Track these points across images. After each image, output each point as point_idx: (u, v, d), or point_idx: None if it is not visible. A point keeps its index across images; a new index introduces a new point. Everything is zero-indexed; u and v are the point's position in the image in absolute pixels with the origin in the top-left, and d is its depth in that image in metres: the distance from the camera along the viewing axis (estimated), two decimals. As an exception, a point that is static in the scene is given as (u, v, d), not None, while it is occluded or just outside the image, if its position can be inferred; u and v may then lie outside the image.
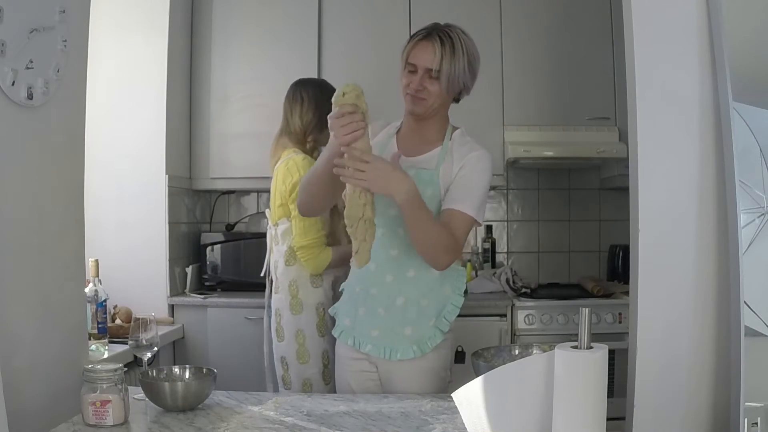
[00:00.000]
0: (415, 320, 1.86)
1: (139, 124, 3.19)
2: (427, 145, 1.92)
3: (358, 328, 1.91)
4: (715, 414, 1.74)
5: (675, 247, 1.78)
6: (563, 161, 3.46)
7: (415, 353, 1.86)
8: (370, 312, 1.89)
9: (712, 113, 1.76)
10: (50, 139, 1.66)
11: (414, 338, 1.87)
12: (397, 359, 1.86)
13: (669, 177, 1.79)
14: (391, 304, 1.86)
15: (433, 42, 1.84)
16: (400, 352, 1.86)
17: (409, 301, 1.86)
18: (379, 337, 1.88)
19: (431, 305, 1.87)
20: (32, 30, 1.52)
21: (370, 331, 1.89)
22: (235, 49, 3.48)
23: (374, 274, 1.88)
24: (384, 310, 1.87)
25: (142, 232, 3.17)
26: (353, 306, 1.93)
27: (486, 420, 1.15)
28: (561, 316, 3.08)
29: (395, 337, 1.87)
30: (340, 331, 1.96)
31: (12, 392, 1.39)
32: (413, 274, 1.86)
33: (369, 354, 1.89)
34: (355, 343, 1.91)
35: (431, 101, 1.86)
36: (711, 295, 1.76)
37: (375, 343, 1.88)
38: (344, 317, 1.95)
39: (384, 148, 1.90)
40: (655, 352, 1.77)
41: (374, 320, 1.88)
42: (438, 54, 1.83)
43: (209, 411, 1.56)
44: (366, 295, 1.90)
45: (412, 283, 1.86)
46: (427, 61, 1.84)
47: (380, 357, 1.87)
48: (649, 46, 1.79)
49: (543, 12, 3.45)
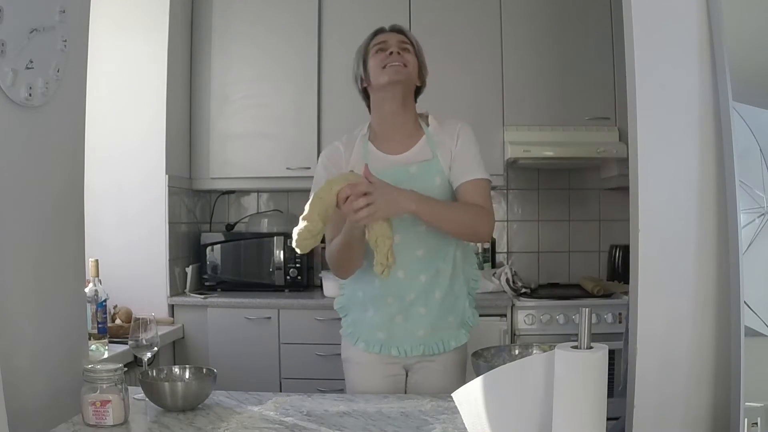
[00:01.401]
0: (454, 306, 1.91)
1: (139, 124, 3.19)
2: (410, 139, 1.91)
3: (398, 337, 1.88)
4: (715, 414, 1.74)
5: (675, 247, 1.78)
6: (563, 161, 3.46)
7: (465, 336, 1.93)
8: (410, 316, 1.87)
9: (712, 113, 1.75)
10: (50, 139, 1.66)
11: (457, 323, 1.92)
12: (452, 348, 1.90)
13: (669, 177, 1.78)
14: (430, 300, 1.87)
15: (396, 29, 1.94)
16: (454, 340, 1.90)
17: (445, 292, 1.88)
18: (427, 335, 1.88)
19: (461, 286, 1.93)
20: (32, 30, 1.52)
21: (415, 333, 1.87)
22: (235, 49, 3.49)
23: (405, 281, 1.85)
24: (425, 308, 1.87)
25: (142, 231, 3.17)
26: (386, 317, 1.88)
27: (486, 420, 1.15)
28: (561, 316, 3.08)
29: (443, 329, 1.89)
30: (379, 346, 1.88)
31: (12, 392, 1.40)
32: (443, 266, 1.87)
33: (422, 355, 1.88)
34: (400, 351, 1.87)
35: (410, 68, 1.89)
36: (711, 295, 1.76)
37: (425, 342, 1.88)
38: (375, 332, 1.89)
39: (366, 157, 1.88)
40: (655, 351, 1.77)
41: (417, 322, 1.87)
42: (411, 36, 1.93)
43: (209, 411, 1.56)
44: (401, 302, 1.87)
45: (442, 275, 1.88)
46: (397, 39, 1.90)
47: (436, 353, 1.88)
48: (649, 46, 1.79)
49: (543, 12, 3.45)
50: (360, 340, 1.92)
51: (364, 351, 1.91)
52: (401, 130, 1.92)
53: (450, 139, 1.89)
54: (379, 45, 1.88)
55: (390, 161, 1.88)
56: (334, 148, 1.95)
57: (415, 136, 1.92)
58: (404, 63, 1.86)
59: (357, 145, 1.92)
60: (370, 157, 1.87)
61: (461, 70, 3.41)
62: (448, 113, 3.30)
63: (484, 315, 3.11)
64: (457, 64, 3.40)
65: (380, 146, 1.91)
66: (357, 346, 1.92)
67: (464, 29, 3.46)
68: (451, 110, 3.40)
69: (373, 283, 1.87)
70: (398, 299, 1.86)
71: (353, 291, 1.95)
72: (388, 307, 1.88)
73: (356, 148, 1.91)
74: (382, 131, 1.93)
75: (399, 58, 1.86)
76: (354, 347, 1.93)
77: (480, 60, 3.44)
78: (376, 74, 1.87)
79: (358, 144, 1.92)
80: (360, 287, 1.92)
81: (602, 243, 3.74)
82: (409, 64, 1.87)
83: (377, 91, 1.90)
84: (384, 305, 1.88)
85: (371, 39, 1.93)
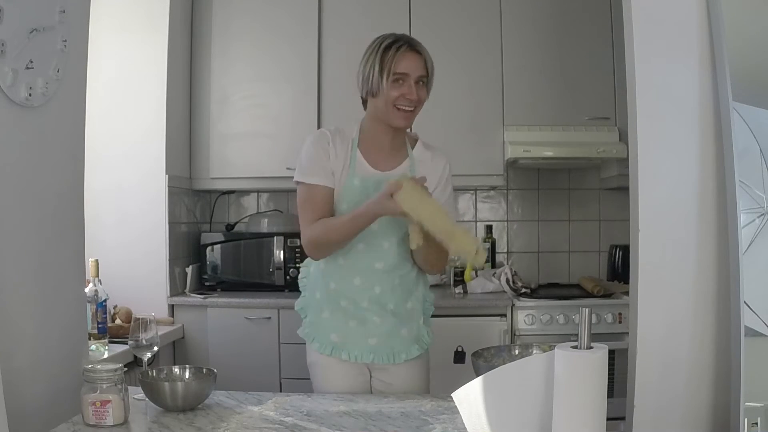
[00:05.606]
0: (408, 320, 1.92)
1: (139, 124, 3.19)
2: (395, 158, 1.92)
3: (351, 341, 1.89)
4: (715, 414, 1.74)
5: (675, 247, 1.78)
6: (563, 161, 3.46)
7: (418, 351, 1.93)
8: (364, 322, 1.89)
9: (712, 113, 1.76)
10: (50, 139, 1.66)
11: (411, 337, 1.93)
12: (402, 361, 1.90)
13: (669, 177, 1.79)
14: (384, 311, 1.89)
15: (418, 49, 1.86)
16: (405, 353, 1.91)
17: (398, 305, 1.90)
18: (379, 344, 1.89)
19: (415, 305, 1.95)
20: (32, 30, 1.52)
21: (367, 340, 1.89)
22: (235, 49, 3.48)
23: (360, 288, 1.88)
24: (379, 317, 1.89)
25: (142, 231, 3.17)
26: (341, 320, 1.90)
27: (486, 420, 1.15)
28: (561, 316, 3.08)
29: (395, 340, 1.90)
30: (330, 348, 1.89)
31: (12, 392, 1.40)
32: (398, 282, 1.90)
33: (372, 362, 1.89)
34: (351, 356, 1.88)
35: (419, 107, 1.88)
36: (711, 295, 1.76)
37: (375, 351, 1.89)
38: (329, 333, 1.90)
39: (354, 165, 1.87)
40: (655, 352, 1.77)
41: (369, 329, 1.89)
42: (429, 61, 1.88)
43: (209, 411, 1.56)
44: (356, 307, 1.89)
45: (398, 289, 1.90)
46: (418, 68, 1.85)
47: (384, 362, 1.89)
48: (649, 47, 1.79)
49: (543, 12, 3.45)
50: (315, 341, 1.93)
51: (320, 353, 1.91)
52: (390, 144, 1.92)
53: (433, 174, 1.91)
54: (399, 76, 1.82)
55: (372, 174, 1.88)
56: (321, 133, 1.91)
57: (399, 156, 1.93)
58: (417, 102, 1.85)
59: (346, 147, 1.89)
60: (356, 165, 1.87)
61: (461, 70, 3.41)
62: (448, 113, 3.36)
63: (484, 315, 3.16)
64: (457, 64, 3.40)
65: (367, 155, 1.90)
66: (312, 347, 1.93)
67: (464, 29, 3.46)
68: (451, 110, 3.43)
69: (328, 286, 1.90)
70: (352, 303, 1.88)
71: (312, 292, 1.97)
72: (342, 311, 1.89)
73: (344, 151, 1.89)
74: (371, 145, 1.92)
75: (414, 100, 1.83)
76: (312, 350, 1.93)
77: (480, 60, 3.44)
78: (387, 108, 1.84)
79: (347, 147, 1.90)
80: (318, 289, 1.94)
81: (602, 243, 3.73)
82: (421, 102, 1.87)
83: (380, 115, 1.87)
84: (338, 308, 1.90)
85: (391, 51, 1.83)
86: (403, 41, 1.85)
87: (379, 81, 1.82)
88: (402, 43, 1.84)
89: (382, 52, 1.83)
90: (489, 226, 3.73)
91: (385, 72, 1.82)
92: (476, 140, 3.38)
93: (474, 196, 3.81)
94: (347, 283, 1.88)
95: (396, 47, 1.83)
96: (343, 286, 1.89)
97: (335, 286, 1.90)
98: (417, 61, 1.85)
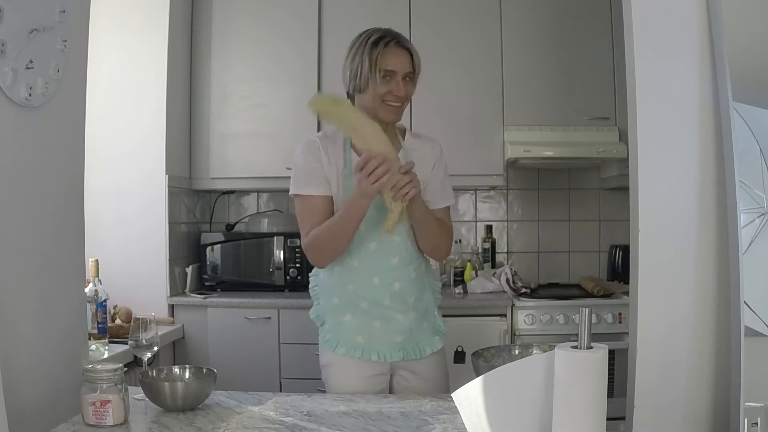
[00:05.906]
0: (425, 313, 1.95)
1: (139, 124, 3.19)
2: None
3: (377, 342, 1.88)
4: (715, 414, 1.74)
5: (675, 246, 1.78)
6: (563, 161, 3.46)
7: (440, 342, 1.97)
8: (388, 321, 1.88)
9: (712, 113, 1.76)
10: (50, 139, 1.66)
11: (431, 329, 1.97)
12: (428, 354, 1.93)
13: (669, 177, 1.78)
14: (405, 306, 1.89)
15: (405, 46, 1.87)
16: (430, 346, 1.94)
17: (417, 299, 1.92)
18: (405, 341, 1.90)
19: (429, 295, 1.98)
20: (32, 30, 1.52)
21: (393, 338, 1.88)
22: (235, 49, 3.48)
23: (380, 287, 1.87)
24: (402, 315, 1.89)
25: (142, 231, 3.17)
26: (364, 322, 1.88)
27: (486, 420, 1.15)
28: (561, 316, 3.08)
29: (418, 335, 1.92)
30: (360, 350, 1.87)
31: (12, 392, 1.40)
32: (414, 275, 1.92)
33: (401, 360, 1.89)
34: (380, 356, 1.87)
35: (406, 103, 1.90)
36: (711, 295, 1.76)
37: (403, 347, 1.89)
38: (354, 336, 1.88)
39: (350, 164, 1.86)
40: (655, 352, 1.77)
41: (394, 327, 1.88)
42: (416, 57, 1.88)
43: (209, 411, 1.56)
44: (378, 307, 1.87)
45: (416, 283, 1.92)
46: (405, 65, 1.86)
47: (413, 358, 1.90)
48: (649, 47, 1.79)
49: (543, 12, 3.45)
50: (340, 345, 1.89)
51: (345, 355, 1.88)
52: None
53: (429, 158, 1.94)
54: (387, 73, 1.83)
55: None
56: (311, 142, 1.90)
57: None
58: (404, 98, 1.86)
59: (339, 150, 1.88)
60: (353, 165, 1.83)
61: (461, 70, 3.41)
62: (449, 113, 3.35)
63: (484, 315, 3.16)
64: (457, 64, 3.40)
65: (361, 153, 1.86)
66: (337, 352, 1.89)
67: (464, 29, 3.46)
68: (451, 110, 3.43)
69: (347, 289, 1.89)
70: (373, 304, 1.88)
71: (328, 299, 1.94)
72: (365, 312, 1.88)
73: (338, 155, 1.88)
74: None
75: (401, 96, 1.85)
76: (333, 353, 1.90)
77: (480, 60, 3.44)
78: (374, 102, 1.84)
79: (340, 149, 1.88)
80: (335, 294, 1.92)
81: (602, 243, 3.74)
82: (408, 97, 1.88)
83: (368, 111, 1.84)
84: (360, 310, 1.88)
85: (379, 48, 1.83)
86: (390, 37, 1.85)
87: (368, 77, 1.83)
88: (389, 39, 1.85)
89: (369, 48, 1.83)
90: (489, 226, 3.73)
91: (374, 69, 1.82)
92: (476, 140, 3.39)
93: (474, 196, 3.81)
94: (367, 283, 1.87)
95: (384, 43, 1.83)
96: (363, 287, 1.87)
97: (354, 288, 1.87)
98: (404, 57, 1.86)
